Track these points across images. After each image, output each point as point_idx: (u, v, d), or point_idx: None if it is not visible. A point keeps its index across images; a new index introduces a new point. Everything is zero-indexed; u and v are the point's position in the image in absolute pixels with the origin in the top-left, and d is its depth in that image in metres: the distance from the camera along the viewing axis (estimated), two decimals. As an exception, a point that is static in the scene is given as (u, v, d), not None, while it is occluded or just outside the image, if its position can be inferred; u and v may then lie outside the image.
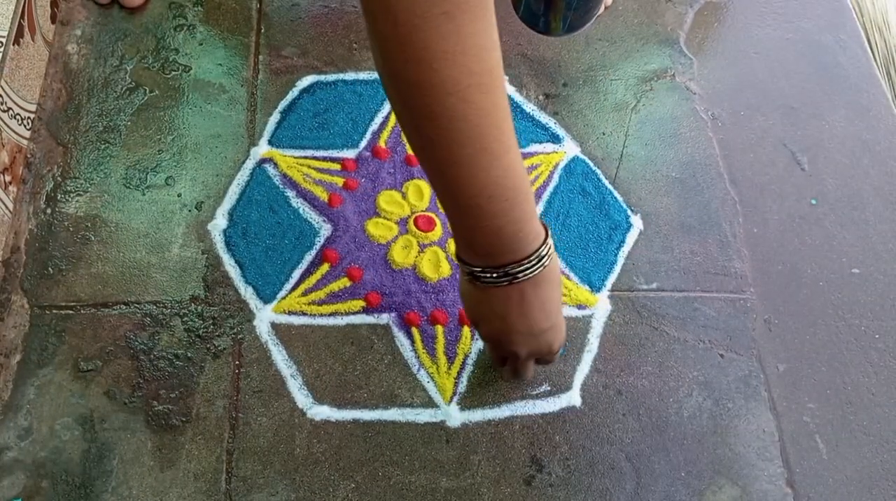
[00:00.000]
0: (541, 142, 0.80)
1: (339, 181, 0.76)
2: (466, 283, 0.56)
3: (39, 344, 0.66)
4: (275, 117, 0.80)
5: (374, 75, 0.84)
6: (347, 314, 0.70)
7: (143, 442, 0.63)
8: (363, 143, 0.79)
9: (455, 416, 0.66)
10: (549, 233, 0.54)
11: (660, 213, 0.77)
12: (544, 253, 0.52)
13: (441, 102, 0.45)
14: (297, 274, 0.71)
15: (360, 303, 0.70)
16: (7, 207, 0.72)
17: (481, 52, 0.45)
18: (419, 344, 0.69)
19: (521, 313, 0.54)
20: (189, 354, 0.67)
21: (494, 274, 0.52)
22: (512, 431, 0.65)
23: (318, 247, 0.73)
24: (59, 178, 0.75)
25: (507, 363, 0.62)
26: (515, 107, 0.82)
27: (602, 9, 0.89)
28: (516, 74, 0.84)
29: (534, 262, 0.52)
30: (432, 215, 0.74)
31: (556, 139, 0.81)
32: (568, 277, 0.73)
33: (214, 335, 0.68)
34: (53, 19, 0.84)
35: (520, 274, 0.52)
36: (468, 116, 0.45)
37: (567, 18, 0.77)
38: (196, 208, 0.74)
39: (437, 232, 0.73)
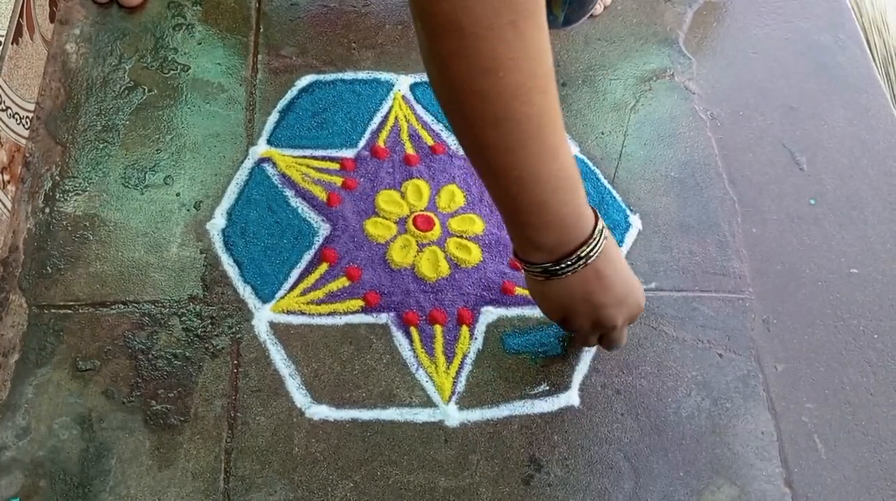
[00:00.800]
0: (540, 142, 0.80)
1: (338, 180, 0.76)
2: (541, 285, 0.57)
3: (38, 343, 0.66)
4: (273, 117, 0.80)
5: (374, 75, 0.84)
6: (346, 313, 0.70)
7: (142, 442, 0.63)
8: (362, 143, 0.79)
9: (453, 416, 0.66)
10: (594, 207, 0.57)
11: (658, 213, 0.77)
12: (602, 226, 0.55)
13: (505, 108, 0.47)
14: (295, 273, 0.71)
15: (358, 303, 0.70)
16: (5, 206, 0.72)
17: (541, 56, 0.47)
18: (418, 344, 0.69)
19: (604, 288, 0.56)
20: (187, 354, 0.67)
21: (569, 262, 0.54)
22: (510, 431, 0.65)
23: (316, 246, 0.73)
24: (57, 178, 0.75)
25: (602, 340, 0.63)
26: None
27: (601, 8, 0.90)
28: (515, 74, 0.84)
29: (597, 238, 0.54)
30: (431, 215, 0.74)
31: (554, 139, 0.81)
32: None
33: (213, 334, 0.68)
34: (52, 18, 0.84)
35: (592, 253, 0.54)
36: (531, 118, 0.48)
37: (563, 10, 0.77)
38: (195, 207, 0.74)
39: (436, 231, 0.73)
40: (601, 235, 0.55)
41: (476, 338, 0.69)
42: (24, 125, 0.76)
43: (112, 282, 0.70)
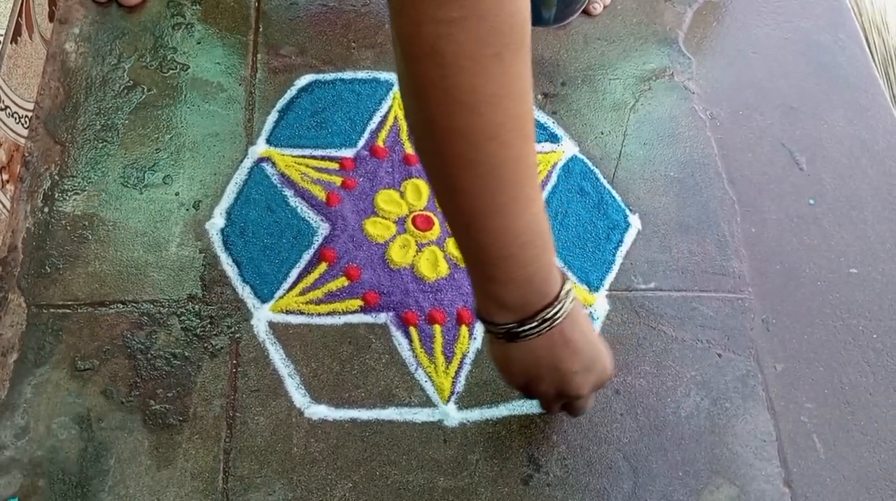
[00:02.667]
0: (539, 142, 0.80)
1: (338, 180, 0.76)
2: (504, 348, 0.53)
3: (36, 342, 0.66)
4: (273, 116, 0.80)
5: (373, 74, 0.84)
6: (345, 313, 0.70)
7: (140, 441, 0.63)
8: (361, 142, 0.79)
9: (453, 416, 0.65)
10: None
11: (658, 213, 0.77)
12: (569, 287, 0.52)
13: (481, 149, 0.43)
14: (294, 273, 0.71)
15: (357, 303, 0.70)
16: (4, 206, 0.72)
17: (523, 96, 0.44)
18: (417, 344, 0.68)
19: (570, 353, 0.53)
20: (186, 353, 0.67)
21: (534, 324, 0.51)
22: (510, 430, 0.65)
23: (315, 246, 0.73)
24: (56, 177, 0.75)
25: (568, 407, 0.59)
26: (514, 106, 0.82)
27: (600, 7, 0.90)
28: (515, 73, 0.84)
29: (564, 300, 0.51)
30: (430, 214, 0.74)
31: (554, 138, 0.81)
32: (566, 276, 0.72)
33: (212, 334, 0.68)
34: (51, 18, 0.84)
35: (558, 316, 0.51)
36: (507, 162, 0.44)
37: (554, 7, 0.77)
38: (194, 207, 0.74)
39: (436, 231, 0.73)
40: (568, 297, 0.51)
41: (475, 338, 0.69)
42: (23, 124, 0.76)
43: (111, 282, 0.70)
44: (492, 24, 0.40)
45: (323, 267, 0.72)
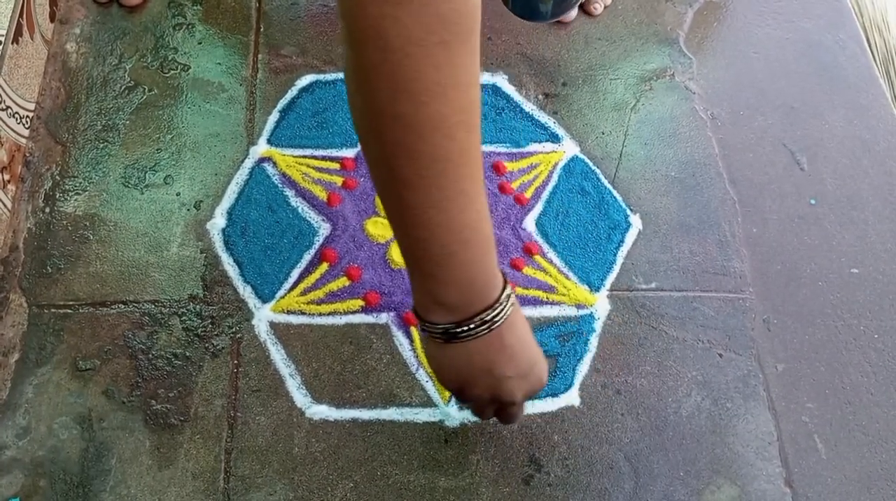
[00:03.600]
0: (540, 142, 0.80)
1: (339, 180, 0.76)
2: (440, 349, 0.52)
3: (38, 343, 0.66)
4: (274, 116, 0.80)
5: (374, 74, 0.84)
6: (346, 313, 0.70)
7: (142, 441, 0.63)
8: (362, 143, 0.79)
9: (454, 416, 0.65)
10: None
11: (659, 213, 0.77)
12: (509, 291, 0.51)
13: (425, 140, 0.42)
14: (295, 273, 0.71)
15: (358, 303, 0.70)
16: (6, 206, 0.72)
17: (469, 87, 0.43)
18: (418, 344, 0.68)
19: (507, 358, 0.52)
20: (187, 353, 0.67)
21: (472, 326, 0.49)
22: (510, 431, 0.65)
23: (316, 246, 0.73)
24: (57, 177, 0.75)
25: (500, 413, 0.58)
26: (514, 106, 0.82)
27: (601, 7, 0.90)
28: (516, 73, 0.84)
29: (504, 303, 0.50)
30: (431, 214, 0.74)
31: (555, 138, 0.81)
32: (567, 277, 0.73)
33: (213, 334, 0.68)
34: (52, 18, 0.84)
35: (497, 319, 0.50)
36: (451, 155, 0.43)
37: (552, 1, 0.77)
38: (195, 207, 0.74)
39: (436, 231, 0.73)
40: (508, 300, 0.50)
41: (476, 338, 0.69)
42: (24, 124, 0.76)
43: (112, 282, 0.70)
44: (438, 9, 0.39)
45: (324, 267, 0.72)
